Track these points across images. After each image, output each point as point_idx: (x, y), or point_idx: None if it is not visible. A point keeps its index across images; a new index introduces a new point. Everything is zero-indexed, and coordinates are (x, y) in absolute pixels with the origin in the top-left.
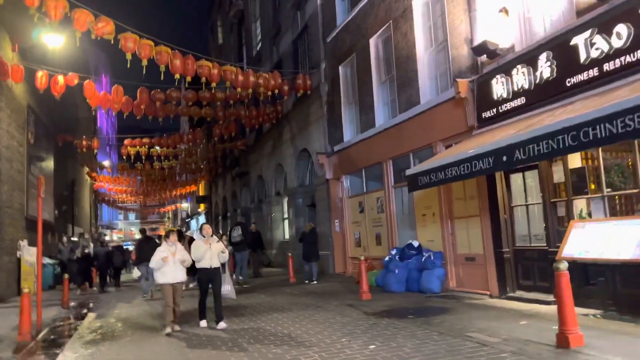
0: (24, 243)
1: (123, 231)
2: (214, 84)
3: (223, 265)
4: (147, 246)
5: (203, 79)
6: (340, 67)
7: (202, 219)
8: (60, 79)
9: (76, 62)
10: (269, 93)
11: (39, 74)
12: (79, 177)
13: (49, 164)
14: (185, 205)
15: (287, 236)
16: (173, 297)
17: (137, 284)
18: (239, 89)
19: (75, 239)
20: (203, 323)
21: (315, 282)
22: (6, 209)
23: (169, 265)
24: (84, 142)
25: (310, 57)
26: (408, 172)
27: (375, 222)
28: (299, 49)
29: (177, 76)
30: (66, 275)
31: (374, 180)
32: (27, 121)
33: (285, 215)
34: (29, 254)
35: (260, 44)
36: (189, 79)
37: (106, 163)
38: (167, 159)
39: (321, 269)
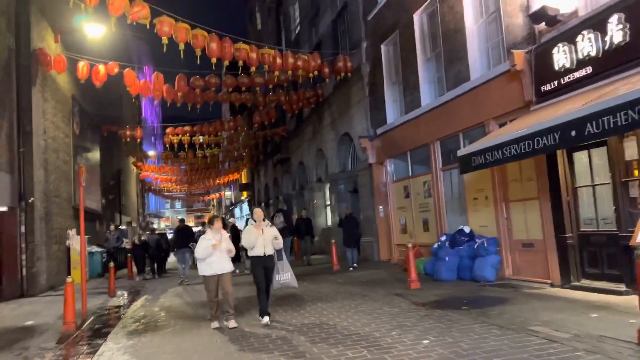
0: (72, 232)
1: (170, 219)
2: (252, 68)
3: (278, 252)
4: (184, 234)
5: (241, 63)
6: (382, 46)
7: (245, 206)
8: (101, 68)
9: (117, 51)
10: (310, 75)
11: (80, 63)
12: (125, 167)
13: (95, 154)
14: (228, 194)
15: (329, 223)
16: (223, 287)
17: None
18: (276, 72)
19: (123, 227)
20: (265, 320)
21: (355, 266)
22: (54, 198)
23: (214, 255)
24: (128, 132)
25: (351, 37)
26: (460, 152)
27: (422, 208)
28: (338, 30)
29: (213, 60)
30: (112, 264)
31: (420, 164)
32: (72, 112)
33: (327, 202)
34: (77, 243)
35: (299, 27)
36: (226, 63)
37: (151, 153)
38: (210, 147)
39: (365, 257)
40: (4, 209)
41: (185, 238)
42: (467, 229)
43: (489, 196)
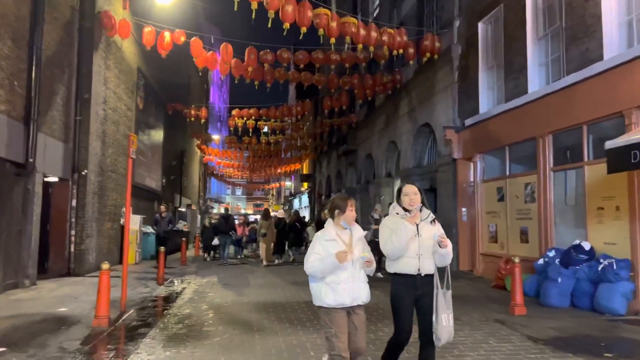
0: (130, 211)
1: (230, 205)
2: (332, 40)
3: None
4: (227, 222)
5: (321, 31)
6: (479, 24)
7: (305, 198)
8: (167, 35)
9: (185, 20)
10: (395, 53)
11: (146, 29)
12: (188, 149)
13: (159, 132)
14: (288, 184)
15: None
16: (355, 338)
17: (238, 259)
18: (359, 46)
19: (183, 209)
20: None
21: None
22: (110, 172)
23: (345, 269)
24: (193, 112)
25: (439, 16)
26: (611, 143)
27: (520, 214)
28: (424, 9)
29: (286, 26)
30: (162, 249)
31: (520, 162)
32: (136, 84)
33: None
34: (132, 222)
35: (377, 9)
36: (303, 30)
37: (215, 137)
38: (274, 133)
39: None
40: (55, 179)
41: (228, 226)
42: (586, 245)
43: (621, 206)
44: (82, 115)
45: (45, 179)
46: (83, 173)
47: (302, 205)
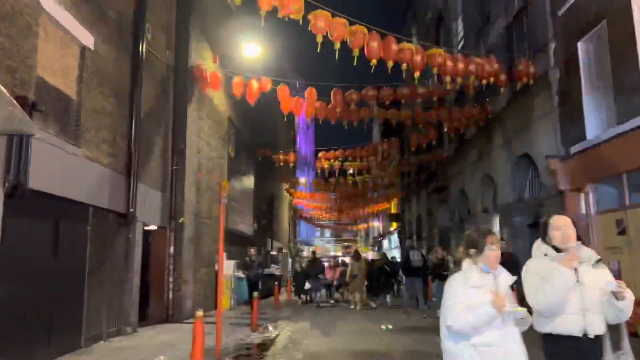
0: (223, 256)
1: (320, 247)
2: (417, 73)
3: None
4: (315, 266)
5: (404, 66)
6: (579, 44)
7: (394, 238)
8: (254, 84)
9: (270, 69)
10: (484, 82)
11: (235, 79)
12: (278, 193)
13: (249, 178)
14: (376, 224)
15: None
16: None
17: (331, 303)
18: (447, 77)
19: (274, 252)
20: None
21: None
22: (205, 219)
23: (496, 326)
24: (282, 156)
25: (530, 41)
26: None
27: None
28: (513, 36)
29: (373, 62)
30: (255, 294)
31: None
32: (227, 134)
33: (497, 235)
34: (226, 267)
35: (462, 42)
36: (390, 63)
37: (302, 180)
38: (360, 173)
39: None
40: (153, 227)
41: (317, 269)
42: None
43: None
44: (178, 165)
45: (145, 228)
46: (179, 221)
47: (392, 246)
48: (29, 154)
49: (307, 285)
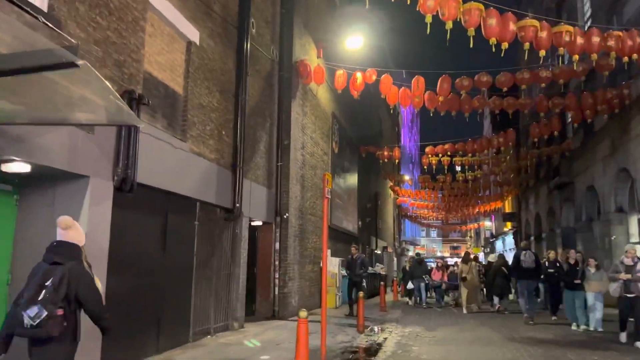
0: (327, 252)
1: (425, 248)
2: (542, 52)
3: None
4: (420, 267)
5: (526, 45)
6: None
7: (509, 239)
8: (359, 76)
9: (374, 59)
10: (625, 60)
11: (338, 72)
12: (382, 191)
13: (353, 175)
14: (488, 224)
15: None
16: None
17: (440, 306)
18: (575, 57)
19: (378, 251)
20: None
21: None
22: (309, 216)
23: None
24: (386, 152)
25: None
26: None
27: None
28: None
29: (492, 41)
30: (361, 294)
31: None
32: (331, 129)
33: (636, 239)
34: (332, 264)
35: (589, 22)
36: (505, 45)
37: (407, 177)
38: (471, 170)
39: None
40: (259, 223)
41: (421, 270)
42: None
43: None
44: (283, 160)
45: (251, 223)
46: (285, 216)
47: (507, 248)
48: (137, 148)
49: (410, 286)
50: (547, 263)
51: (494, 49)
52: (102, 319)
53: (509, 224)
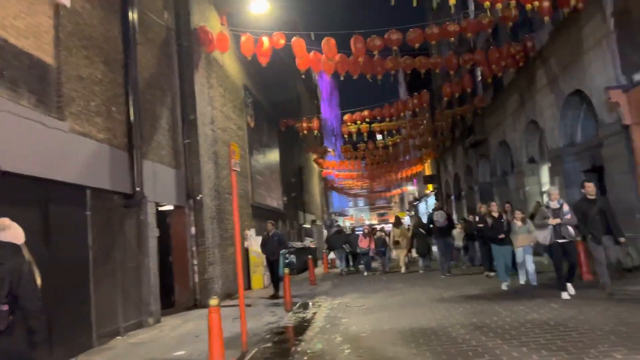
0: (250, 232)
1: (354, 217)
2: (452, 1)
3: None
4: (339, 237)
5: None
6: None
7: (431, 201)
8: (265, 40)
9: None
10: (529, 7)
11: (243, 38)
12: (306, 165)
13: (274, 150)
14: (411, 189)
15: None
16: None
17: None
18: (486, 4)
19: (307, 226)
20: None
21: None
22: (227, 195)
23: None
24: (305, 124)
25: None
26: None
27: None
28: None
29: None
30: (286, 270)
31: None
32: (244, 103)
33: (545, 188)
34: (257, 244)
35: None
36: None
37: (330, 149)
38: (390, 135)
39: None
40: (169, 207)
41: (341, 239)
42: None
43: None
44: (190, 137)
45: (160, 208)
46: (198, 198)
47: (430, 209)
48: None
49: (332, 255)
50: (477, 218)
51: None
52: (34, 317)
53: (430, 186)
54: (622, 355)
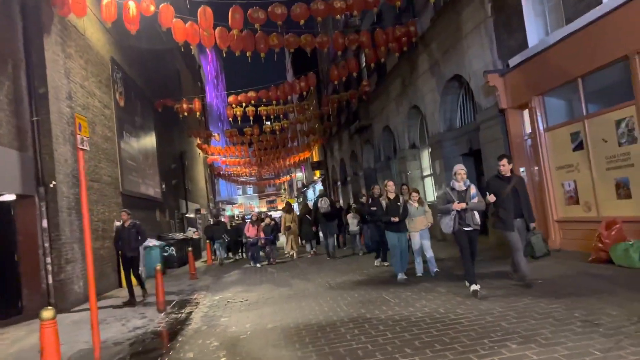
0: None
1: (243, 206)
2: None
3: None
4: (216, 228)
5: None
6: None
7: (318, 187)
8: (132, 5)
9: None
10: None
11: (103, 1)
12: (189, 150)
13: (149, 133)
14: (299, 175)
15: (433, 197)
16: None
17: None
18: None
19: (191, 215)
20: None
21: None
22: (90, 182)
23: None
24: (185, 105)
25: None
26: None
27: (613, 162)
28: None
29: None
30: (158, 266)
31: (604, 94)
32: (112, 78)
33: (427, 172)
34: None
35: None
36: None
37: (216, 133)
38: (277, 120)
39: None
40: (11, 197)
41: (219, 230)
42: None
43: None
44: (41, 114)
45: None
46: (51, 185)
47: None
48: None
49: (217, 245)
50: (370, 200)
51: None
52: None
53: (317, 173)
54: (508, 351)
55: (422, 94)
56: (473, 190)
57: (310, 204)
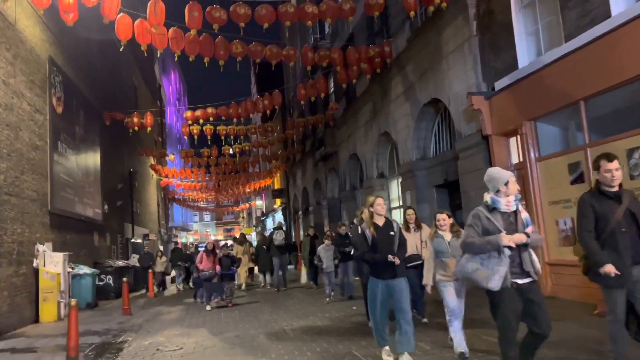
0: (44, 247)
1: (199, 233)
2: None
3: None
4: (176, 254)
5: None
6: None
7: (278, 216)
8: None
9: None
10: None
11: None
12: (141, 170)
13: (93, 147)
14: (259, 203)
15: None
16: None
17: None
18: None
19: (139, 240)
20: None
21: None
22: (7, 196)
23: None
24: (135, 119)
25: None
26: None
27: None
28: None
29: None
30: (73, 302)
31: (608, 119)
32: (49, 81)
33: (397, 203)
34: (53, 263)
35: None
36: None
37: (171, 155)
38: (238, 141)
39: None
40: None
41: (178, 257)
42: None
43: None
44: None
45: None
46: None
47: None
48: None
49: (174, 273)
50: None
51: None
52: None
53: (278, 201)
54: None
55: (394, 120)
56: (524, 212)
57: (268, 234)
